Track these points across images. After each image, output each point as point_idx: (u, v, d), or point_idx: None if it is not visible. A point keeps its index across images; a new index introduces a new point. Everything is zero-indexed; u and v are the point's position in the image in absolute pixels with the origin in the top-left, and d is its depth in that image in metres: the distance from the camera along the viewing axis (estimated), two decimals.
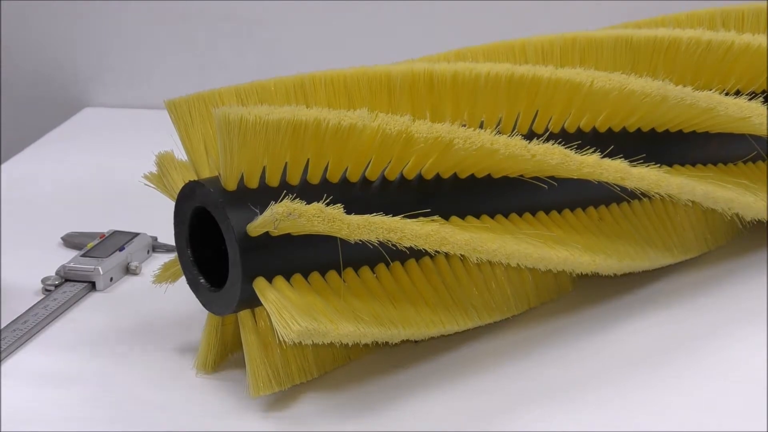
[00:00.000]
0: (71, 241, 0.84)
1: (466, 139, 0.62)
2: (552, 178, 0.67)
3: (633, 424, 0.61)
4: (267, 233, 0.59)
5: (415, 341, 0.67)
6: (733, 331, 0.71)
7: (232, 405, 0.63)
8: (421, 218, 0.61)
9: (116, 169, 1.02)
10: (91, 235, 0.83)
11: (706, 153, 0.76)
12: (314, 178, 0.62)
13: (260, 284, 0.60)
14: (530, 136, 0.67)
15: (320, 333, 0.58)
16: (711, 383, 0.65)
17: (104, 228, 0.84)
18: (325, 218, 0.58)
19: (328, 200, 0.59)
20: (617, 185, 0.68)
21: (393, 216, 0.60)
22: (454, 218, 0.65)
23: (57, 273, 0.77)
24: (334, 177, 0.62)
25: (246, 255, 0.59)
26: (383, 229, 0.59)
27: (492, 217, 0.67)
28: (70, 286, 0.76)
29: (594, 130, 0.71)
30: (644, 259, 0.73)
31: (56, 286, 0.76)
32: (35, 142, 1.11)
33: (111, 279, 0.77)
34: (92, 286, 0.76)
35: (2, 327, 0.70)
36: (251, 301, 0.60)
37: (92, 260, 0.77)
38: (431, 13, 1.15)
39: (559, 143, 0.65)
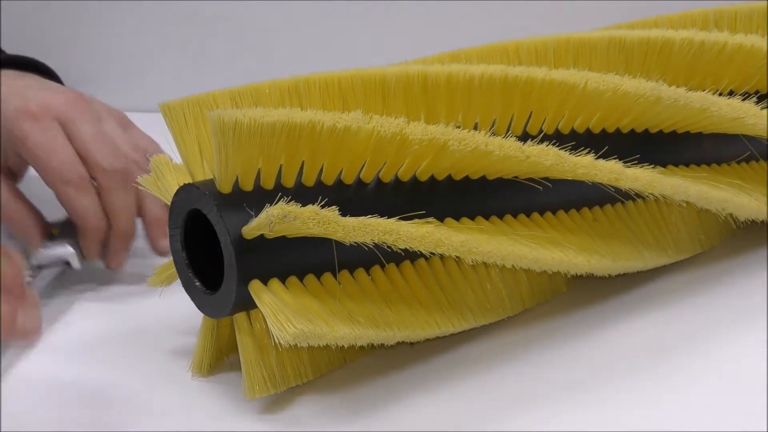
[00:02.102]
0: None
1: (460, 141, 0.62)
2: (546, 179, 0.67)
3: (630, 424, 0.61)
4: (262, 236, 0.59)
5: (411, 343, 0.67)
6: (730, 331, 0.71)
7: (227, 407, 0.63)
8: (417, 220, 0.62)
9: None
10: (55, 224, 0.82)
11: (699, 153, 0.76)
12: (309, 180, 0.62)
13: (255, 287, 0.60)
14: (524, 137, 0.67)
15: (316, 335, 0.58)
16: (709, 383, 0.65)
17: None
18: (321, 220, 0.58)
19: (323, 202, 0.59)
20: (611, 186, 0.68)
21: (388, 218, 0.60)
22: (449, 220, 0.65)
23: (30, 264, 0.77)
24: (329, 179, 0.62)
25: (241, 257, 0.59)
26: (378, 231, 0.59)
27: (487, 218, 0.67)
28: (47, 272, 0.76)
29: (588, 131, 0.72)
30: (639, 260, 0.73)
31: (33, 277, 0.75)
32: None
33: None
34: (68, 265, 0.76)
35: None
36: (247, 304, 0.60)
37: (62, 242, 0.77)
38: (425, 15, 1.15)
39: (553, 144, 0.65)
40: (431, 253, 0.62)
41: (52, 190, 0.74)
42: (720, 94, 0.74)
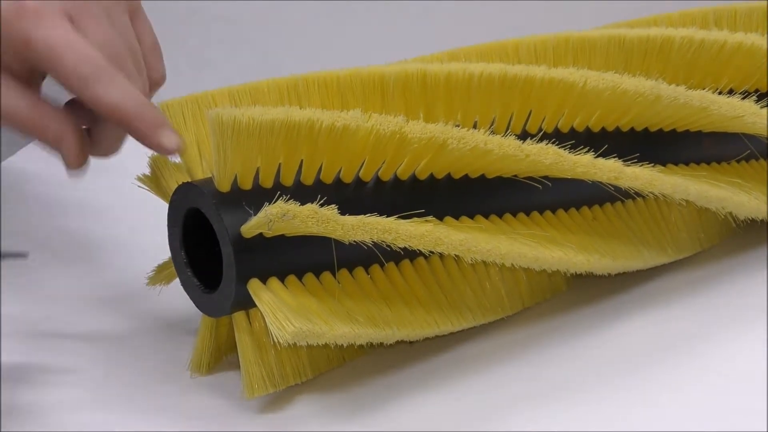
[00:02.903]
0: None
1: (459, 140, 0.62)
2: (546, 177, 0.67)
3: (630, 423, 0.61)
4: (261, 234, 0.59)
5: (410, 342, 0.67)
6: (730, 330, 0.71)
7: (226, 406, 0.63)
8: (416, 219, 0.61)
9: (109, 171, 1.02)
10: None
11: (699, 152, 0.76)
12: (308, 179, 0.62)
13: (254, 285, 0.60)
14: (524, 136, 0.67)
15: (315, 334, 0.58)
16: (709, 382, 0.65)
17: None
18: (320, 219, 0.58)
19: (322, 201, 0.59)
20: (611, 185, 0.68)
21: (387, 216, 0.60)
22: (448, 219, 0.65)
23: None
24: (328, 178, 0.62)
25: (240, 256, 0.59)
26: (378, 230, 0.59)
27: (486, 217, 0.67)
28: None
29: (587, 129, 0.71)
30: (638, 259, 0.73)
31: None
32: (28, 145, 1.11)
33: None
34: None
35: None
36: (246, 303, 0.60)
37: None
38: (424, 14, 1.15)
39: (552, 143, 0.65)
40: (430, 252, 0.62)
41: (72, 92, 0.63)
42: (719, 93, 0.74)
